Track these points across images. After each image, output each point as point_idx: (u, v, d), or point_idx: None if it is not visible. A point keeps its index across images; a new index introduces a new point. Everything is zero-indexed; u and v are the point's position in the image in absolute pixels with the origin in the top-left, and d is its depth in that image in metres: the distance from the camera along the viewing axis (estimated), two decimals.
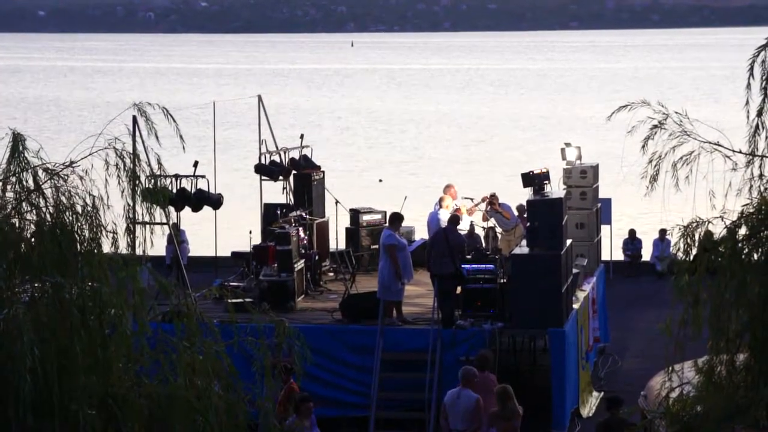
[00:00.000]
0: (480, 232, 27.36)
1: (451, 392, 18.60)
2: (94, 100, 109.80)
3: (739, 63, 13.47)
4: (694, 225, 11.75)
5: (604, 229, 29.22)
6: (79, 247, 10.72)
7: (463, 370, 18.69)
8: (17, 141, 10.78)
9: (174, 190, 23.80)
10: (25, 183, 10.74)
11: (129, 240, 11.73)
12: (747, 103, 11.81)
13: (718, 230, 11.72)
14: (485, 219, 26.98)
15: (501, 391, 18.11)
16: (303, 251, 24.82)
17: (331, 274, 26.72)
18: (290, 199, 27.97)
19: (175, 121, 11.74)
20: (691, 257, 11.69)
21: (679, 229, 11.80)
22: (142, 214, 11.58)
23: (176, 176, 23.95)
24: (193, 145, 16.34)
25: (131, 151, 11.57)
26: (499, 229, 27.01)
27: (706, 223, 11.75)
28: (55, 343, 9.82)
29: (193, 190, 24.54)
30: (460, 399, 18.32)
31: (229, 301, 15.52)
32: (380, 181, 56.57)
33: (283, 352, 11.52)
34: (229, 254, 27.87)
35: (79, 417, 9.70)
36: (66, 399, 9.76)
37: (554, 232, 21.94)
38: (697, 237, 11.71)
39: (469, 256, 22.95)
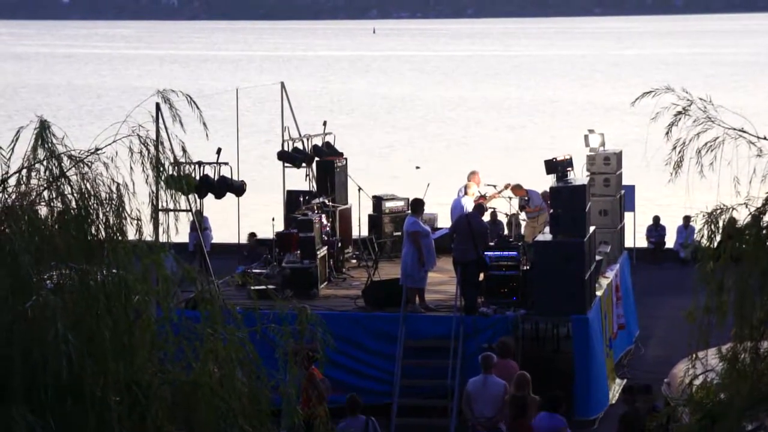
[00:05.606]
0: (503, 218, 27.33)
1: (474, 380, 18.54)
2: (118, 87, 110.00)
3: (764, 48, 13.40)
4: (719, 212, 11.70)
5: (628, 215, 29.14)
6: (104, 233, 10.74)
7: (483, 357, 18.66)
8: (43, 128, 10.78)
9: (197, 177, 23.87)
10: (54, 170, 10.74)
11: (153, 227, 11.75)
12: None
13: (743, 217, 11.67)
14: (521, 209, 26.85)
15: (517, 378, 18.09)
16: (326, 238, 24.84)
17: (354, 261, 26.75)
18: (313, 186, 27.99)
19: (198, 107, 11.74)
20: (715, 244, 11.65)
21: (703, 215, 11.75)
22: (166, 201, 11.59)
23: (199, 163, 24.02)
24: (216, 131, 16.35)
25: (155, 138, 11.58)
26: (522, 216, 26.98)
27: (731, 209, 11.70)
28: (82, 330, 9.85)
29: (216, 177, 24.61)
30: (487, 386, 18.26)
31: (252, 288, 15.57)
32: (417, 168, 56.07)
33: (305, 339, 11.51)
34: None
35: (106, 403, 9.74)
36: (92, 385, 9.79)
37: (577, 219, 21.91)
38: (721, 224, 11.66)
39: (492, 243, 22.93)
